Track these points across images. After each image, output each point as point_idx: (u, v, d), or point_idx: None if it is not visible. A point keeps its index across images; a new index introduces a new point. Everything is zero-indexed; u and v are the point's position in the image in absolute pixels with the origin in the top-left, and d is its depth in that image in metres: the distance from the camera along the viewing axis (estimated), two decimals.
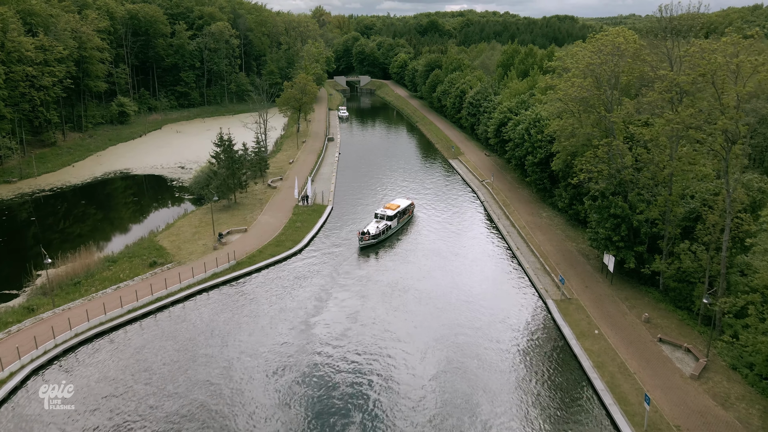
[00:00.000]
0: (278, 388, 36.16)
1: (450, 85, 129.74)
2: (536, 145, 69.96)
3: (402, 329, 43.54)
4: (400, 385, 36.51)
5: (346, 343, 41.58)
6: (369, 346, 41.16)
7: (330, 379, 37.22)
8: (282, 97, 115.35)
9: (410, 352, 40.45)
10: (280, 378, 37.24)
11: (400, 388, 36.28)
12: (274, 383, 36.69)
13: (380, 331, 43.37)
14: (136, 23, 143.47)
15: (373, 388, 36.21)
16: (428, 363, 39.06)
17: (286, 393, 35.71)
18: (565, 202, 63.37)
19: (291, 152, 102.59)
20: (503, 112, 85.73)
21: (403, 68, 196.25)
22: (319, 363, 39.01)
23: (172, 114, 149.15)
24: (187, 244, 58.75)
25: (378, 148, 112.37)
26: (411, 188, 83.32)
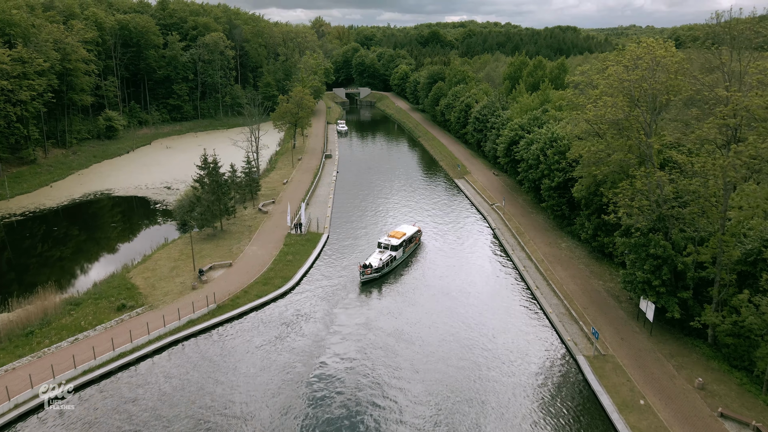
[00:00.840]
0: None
1: (454, 99, 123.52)
2: (553, 168, 63.37)
3: (404, 399, 36.55)
4: None
5: (339, 413, 34.61)
6: (367, 424, 34.20)
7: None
8: (277, 112, 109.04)
9: (416, 428, 33.48)
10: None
11: None
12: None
13: (379, 397, 36.39)
14: (127, 34, 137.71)
15: None
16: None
17: None
18: (588, 233, 56.56)
19: (285, 171, 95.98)
20: (514, 130, 79.25)
21: (404, 80, 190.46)
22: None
23: (163, 128, 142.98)
24: (163, 281, 51.87)
25: (379, 166, 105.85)
26: (415, 212, 76.62)
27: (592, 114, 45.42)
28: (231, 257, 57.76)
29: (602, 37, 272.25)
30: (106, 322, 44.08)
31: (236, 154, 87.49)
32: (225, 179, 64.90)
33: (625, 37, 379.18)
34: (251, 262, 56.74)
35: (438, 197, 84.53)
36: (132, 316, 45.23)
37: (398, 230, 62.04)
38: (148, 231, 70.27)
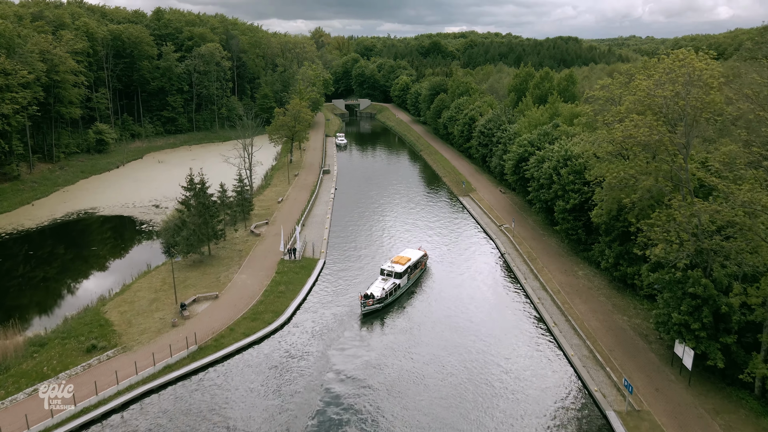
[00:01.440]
0: None
1: (457, 111, 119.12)
2: (568, 188, 58.57)
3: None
4: None
5: None
6: None
7: None
8: (273, 125, 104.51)
9: None
10: None
11: None
12: None
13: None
14: (120, 44, 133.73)
15: None
16: None
17: None
18: (608, 262, 51.57)
19: (281, 188, 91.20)
20: (523, 146, 74.60)
21: (405, 91, 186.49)
22: None
23: (156, 141, 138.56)
24: (140, 317, 46.85)
25: (379, 182, 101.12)
26: (418, 233, 71.75)
27: (621, 134, 40.43)
28: (218, 287, 52.78)
29: (605, 48, 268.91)
30: (72, 368, 39.01)
31: (229, 170, 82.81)
32: (213, 201, 60.06)
33: (627, 48, 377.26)
34: (240, 293, 51.74)
35: (442, 217, 79.68)
36: (102, 361, 40.15)
37: (402, 255, 57.29)
38: (131, 255, 65.29)
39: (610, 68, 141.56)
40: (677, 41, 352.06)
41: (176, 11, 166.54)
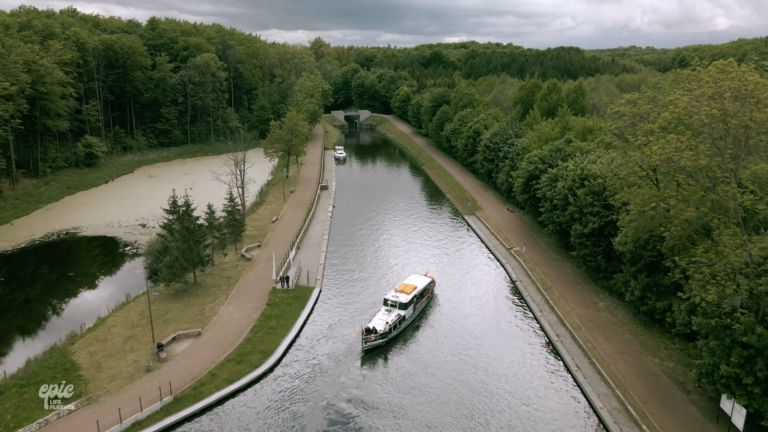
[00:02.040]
0: None
1: (461, 124, 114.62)
2: (586, 211, 53.67)
3: None
4: None
5: None
6: None
7: None
8: (268, 139, 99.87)
9: None
10: None
11: None
12: None
13: None
14: (112, 55, 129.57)
15: None
16: None
17: None
18: (634, 295, 46.50)
19: (276, 206, 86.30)
20: (533, 163, 69.83)
21: (405, 102, 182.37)
22: None
23: (149, 154, 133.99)
24: (112, 359, 41.74)
25: (379, 199, 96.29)
26: (421, 255, 66.80)
27: (658, 157, 35.39)
28: (201, 322, 47.68)
29: (608, 58, 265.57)
30: (26, 425, 33.86)
31: (221, 186, 78.00)
32: (200, 224, 55.12)
33: (629, 58, 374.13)
34: (225, 329, 46.63)
35: (447, 238, 74.72)
36: (62, 416, 34.98)
37: (408, 282, 52.51)
38: (111, 282, 60.22)
39: (617, 79, 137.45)
40: (679, 51, 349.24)
41: (172, 21, 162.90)
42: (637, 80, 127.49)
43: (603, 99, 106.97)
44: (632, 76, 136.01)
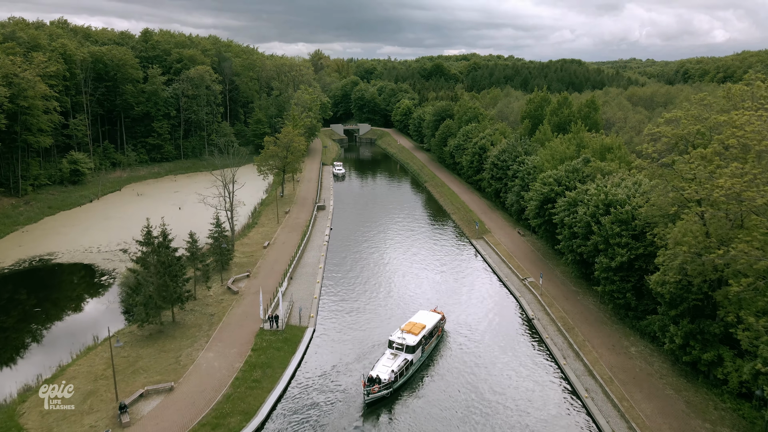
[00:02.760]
0: None
1: (465, 139, 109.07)
2: (612, 242, 47.68)
3: None
4: None
5: None
6: None
7: None
8: (262, 156, 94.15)
9: None
10: None
11: None
12: None
13: None
14: (101, 67, 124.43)
15: None
16: None
17: None
18: (674, 342, 40.33)
19: (269, 228, 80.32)
20: (548, 184, 63.97)
21: (407, 116, 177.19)
22: None
23: (140, 170, 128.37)
24: (66, 423, 35.45)
25: (380, 220, 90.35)
26: (427, 285, 60.71)
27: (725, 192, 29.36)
28: (176, 373, 41.46)
29: (612, 71, 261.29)
30: None
31: (203, 213, 72.10)
32: (179, 257, 49.11)
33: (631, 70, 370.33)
34: (203, 382, 40.39)
35: (455, 265, 68.67)
36: None
37: (415, 321, 46.73)
38: (79, 320, 53.96)
39: (628, 92, 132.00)
40: (682, 64, 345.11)
41: (166, 33, 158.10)
42: (649, 93, 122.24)
43: (616, 114, 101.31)
44: (643, 89, 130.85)
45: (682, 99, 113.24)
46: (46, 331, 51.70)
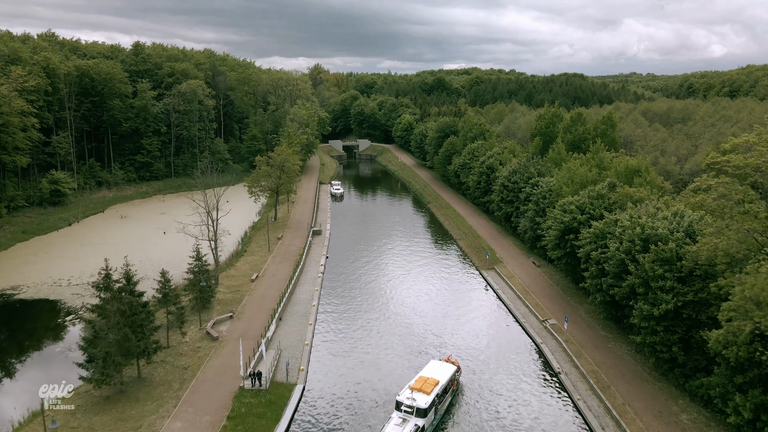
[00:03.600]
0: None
1: (471, 158, 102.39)
2: (655, 286, 40.55)
3: None
4: None
5: None
6: None
7: None
8: (253, 177, 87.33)
9: None
10: None
11: None
12: None
13: None
14: (88, 82, 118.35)
15: None
16: None
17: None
18: (741, 416, 32.98)
19: (259, 257, 73.21)
20: (570, 212, 56.96)
21: (408, 131, 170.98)
22: None
23: (126, 189, 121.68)
24: None
25: (381, 247, 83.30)
26: (437, 327, 53.41)
27: None
28: None
29: (617, 85, 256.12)
30: None
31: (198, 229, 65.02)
32: (144, 303, 41.99)
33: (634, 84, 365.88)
34: None
35: (465, 302, 61.44)
36: None
37: (427, 375, 39.78)
38: (29, 374, 46.50)
39: (642, 108, 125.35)
40: (686, 78, 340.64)
41: (159, 46, 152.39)
42: (665, 109, 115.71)
43: (635, 131, 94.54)
44: (658, 104, 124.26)
45: (702, 115, 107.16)
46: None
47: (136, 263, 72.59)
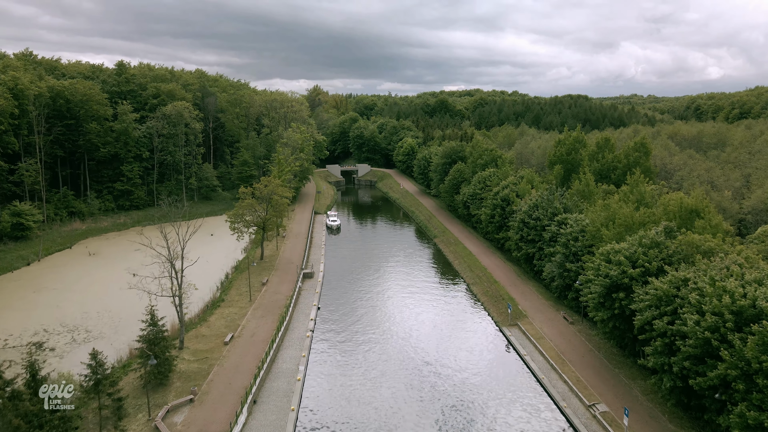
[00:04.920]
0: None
1: (482, 188, 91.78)
2: (762, 383, 29.20)
3: None
4: None
5: None
6: None
7: None
8: (235, 211, 76.43)
9: None
10: None
11: None
12: None
13: None
14: (62, 104, 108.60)
15: None
16: None
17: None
18: None
19: (237, 309, 61.84)
20: (618, 263, 45.81)
21: (410, 156, 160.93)
22: None
23: (103, 221, 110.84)
24: None
25: (381, 292, 72.08)
26: (451, 413, 41.81)
27: None
28: None
29: (627, 107, 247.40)
30: None
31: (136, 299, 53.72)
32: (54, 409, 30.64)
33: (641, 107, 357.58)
34: None
35: (487, 372, 49.88)
36: None
37: None
38: None
39: (669, 131, 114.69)
40: (693, 99, 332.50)
41: (145, 66, 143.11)
42: (695, 133, 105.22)
43: (671, 160, 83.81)
44: (688, 127, 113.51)
45: (740, 140, 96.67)
46: None
47: (92, 317, 62.42)
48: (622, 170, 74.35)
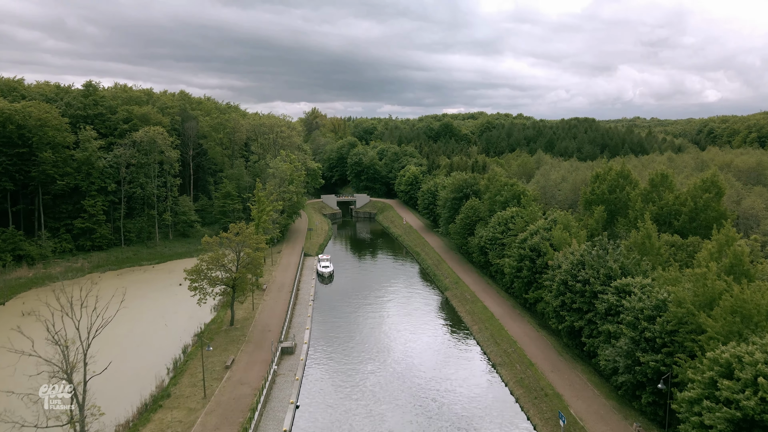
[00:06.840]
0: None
1: (503, 230, 75.79)
2: None
3: None
4: None
5: None
6: None
7: None
8: (194, 268, 59.96)
9: None
10: None
11: None
12: None
13: None
14: (12, 129, 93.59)
15: None
16: None
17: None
18: None
19: (183, 415, 45.08)
20: (753, 383, 29.40)
21: (414, 186, 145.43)
22: None
23: (55, 266, 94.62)
24: None
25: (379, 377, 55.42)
26: None
27: None
28: None
29: (643, 131, 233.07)
30: None
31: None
32: None
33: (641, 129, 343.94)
34: None
35: None
36: None
37: None
38: None
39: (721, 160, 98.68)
40: (705, 123, 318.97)
41: (120, 87, 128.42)
42: (753, 164, 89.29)
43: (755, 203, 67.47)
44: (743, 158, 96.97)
45: None
46: None
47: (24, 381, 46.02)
48: (687, 216, 58.43)
